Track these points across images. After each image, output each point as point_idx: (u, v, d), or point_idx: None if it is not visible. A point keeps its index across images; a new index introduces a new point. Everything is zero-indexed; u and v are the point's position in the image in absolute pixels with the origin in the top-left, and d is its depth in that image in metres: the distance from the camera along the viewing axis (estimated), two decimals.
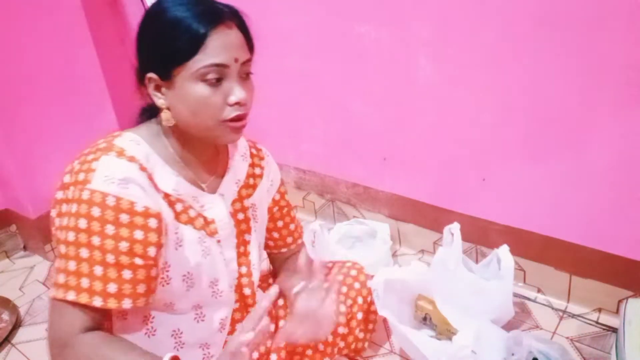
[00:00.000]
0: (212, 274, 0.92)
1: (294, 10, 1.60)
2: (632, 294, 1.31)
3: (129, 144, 0.82)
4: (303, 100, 1.75)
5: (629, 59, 1.11)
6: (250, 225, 1.02)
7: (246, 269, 1.01)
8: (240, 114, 0.83)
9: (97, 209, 0.74)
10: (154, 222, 0.78)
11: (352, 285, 1.19)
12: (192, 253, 0.87)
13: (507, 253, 1.30)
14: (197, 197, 0.90)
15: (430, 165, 1.55)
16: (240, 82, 0.83)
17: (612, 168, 1.23)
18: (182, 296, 0.88)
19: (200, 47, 0.77)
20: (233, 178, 0.99)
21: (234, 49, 0.81)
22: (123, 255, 0.75)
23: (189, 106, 0.80)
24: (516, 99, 1.30)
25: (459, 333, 1.18)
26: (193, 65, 0.78)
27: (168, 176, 0.86)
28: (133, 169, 0.78)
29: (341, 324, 1.16)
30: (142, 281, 0.78)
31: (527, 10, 1.19)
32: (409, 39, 1.40)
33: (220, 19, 0.79)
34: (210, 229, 0.92)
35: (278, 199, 1.12)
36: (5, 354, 1.48)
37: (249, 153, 1.05)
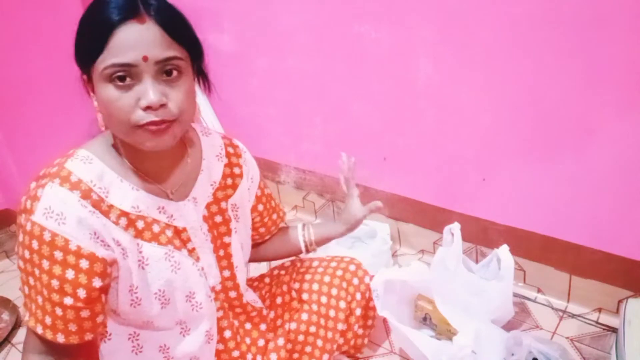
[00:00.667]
0: (186, 287, 0.88)
1: (294, 10, 1.60)
2: (632, 294, 1.31)
3: (78, 165, 0.78)
4: (303, 100, 1.75)
5: (631, 59, 1.11)
6: (230, 227, 0.98)
7: (229, 272, 0.98)
8: (157, 120, 0.73)
9: (35, 242, 0.74)
10: (85, 263, 0.74)
11: (350, 281, 1.18)
12: (160, 270, 0.84)
13: (507, 253, 1.30)
14: (164, 208, 0.86)
15: (430, 165, 1.55)
16: (154, 84, 0.73)
17: (613, 168, 1.23)
18: (159, 315, 0.86)
19: (105, 45, 0.70)
20: (207, 180, 0.94)
21: (143, 46, 0.71)
22: (54, 292, 0.74)
23: (104, 109, 0.75)
24: (516, 99, 1.30)
25: (459, 333, 1.18)
26: (99, 65, 0.72)
27: (126, 192, 0.81)
28: (72, 200, 0.75)
29: (340, 320, 1.15)
30: (71, 321, 0.75)
31: (528, 10, 1.19)
32: (410, 39, 1.40)
33: (131, 13, 0.71)
34: (182, 238, 0.89)
35: (260, 195, 1.09)
36: (5, 354, 1.48)
37: (225, 152, 0.99)
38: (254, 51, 1.78)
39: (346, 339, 1.20)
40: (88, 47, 0.73)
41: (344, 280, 1.18)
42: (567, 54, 1.18)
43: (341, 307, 1.15)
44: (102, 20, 0.71)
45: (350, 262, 1.23)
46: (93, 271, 0.75)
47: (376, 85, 1.54)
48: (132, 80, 0.72)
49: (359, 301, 1.19)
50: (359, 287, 1.19)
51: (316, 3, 1.54)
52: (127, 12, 0.71)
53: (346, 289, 1.17)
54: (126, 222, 0.81)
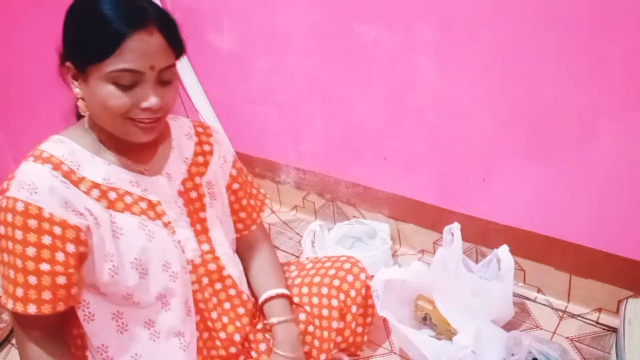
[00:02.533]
0: (162, 257, 0.91)
1: (294, 10, 1.60)
2: (632, 294, 1.31)
3: (50, 145, 0.86)
4: (303, 100, 1.75)
5: (632, 59, 1.11)
6: (204, 202, 1.01)
7: (208, 245, 1.00)
8: (150, 117, 0.83)
9: (10, 215, 0.78)
10: (58, 229, 0.79)
11: (344, 279, 1.18)
12: (135, 239, 0.88)
13: (507, 253, 1.30)
14: (138, 182, 0.91)
15: (430, 165, 1.55)
16: (155, 89, 0.82)
17: (613, 168, 1.23)
18: (137, 286, 0.89)
19: (116, 50, 0.77)
20: (179, 157, 1.00)
21: (151, 56, 0.80)
22: (29, 260, 0.78)
23: (97, 104, 0.82)
24: (517, 99, 1.30)
25: (459, 333, 1.18)
26: (107, 67, 0.78)
27: (97, 166, 0.87)
28: (43, 171, 0.80)
29: (334, 319, 1.15)
30: (47, 288, 0.79)
31: (529, 10, 1.19)
32: (410, 39, 1.40)
33: (142, 23, 0.78)
34: (157, 211, 0.92)
35: (236, 175, 1.11)
36: (5, 353, 1.48)
37: (194, 132, 1.05)
38: (254, 51, 1.78)
39: (344, 337, 1.20)
40: (95, 49, 0.78)
41: (336, 278, 1.17)
42: (568, 54, 1.18)
43: (334, 305, 1.15)
44: (114, 28, 0.77)
45: (345, 261, 1.22)
46: (65, 237, 0.80)
47: (376, 85, 1.54)
48: (135, 84, 0.81)
49: (353, 298, 1.18)
50: (354, 284, 1.18)
51: (316, 3, 1.54)
52: (138, 23, 0.78)
53: (339, 287, 1.16)
54: (98, 193, 0.86)
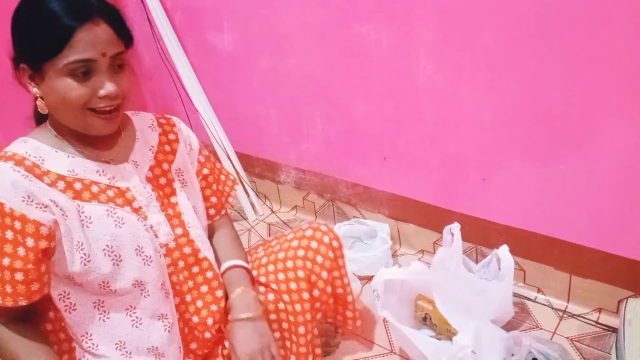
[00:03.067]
0: (134, 242, 0.92)
1: (294, 10, 1.60)
2: (632, 294, 1.31)
3: (14, 145, 0.89)
4: (303, 100, 1.75)
5: (633, 59, 1.11)
6: (174, 187, 1.03)
7: (181, 229, 1.01)
8: (109, 104, 0.86)
9: None
10: (18, 224, 0.81)
11: (308, 246, 1.14)
12: (104, 226, 0.89)
13: (507, 253, 1.30)
14: (104, 171, 0.93)
15: (430, 165, 1.55)
16: (110, 75, 0.86)
17: (613, 168, 1.23)
18: (113, 273, 0.89)
19: (66, 44, 0.81)
20: (145, 145, 1.02)
21: (101, 44, 0.83)
22: None
23: (57, 99, 0.84)
24: (516, 98, 1.30)
25: (459, 333, 1.19)
26: (60, 62, 0.81)
27: (61, 159, 0.89)
28: (5, 168, 0.83)
29: (303, 289, 1.11)
30: (7, 282, 0.82)
31: (529, 9, 1.19)
32: (410, 39, 1.40)
33: (88, 15, 0.82)
34: (126, 197, 0.94)
35: (204, 161, 1.13)
36: None
37: (157, 123, 1.08)
38: (254, 51, 1.78)
39: (326, 304, 1.17)
40: (45, 47, 0.82)
41: (300, 248, 1.14)
42: (568, 54, 1.18)
43: (300, 276, 1.11)
44: (62, 23, 0.81)
45: (307, 229, 1.18)
46: (25, 232, 0.81)
47: (376, 85, 1.54)
48: (90, 73, 0.84)
49: (321, 264, 1.14)
50: (319, 250, 1.14)
51: (316, 3, 1.54)
52: (84, 16, 0.82)
53: (304, 256, 1.13)
54: (64, 185, 0.88)
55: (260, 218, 2.07)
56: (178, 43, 1.95)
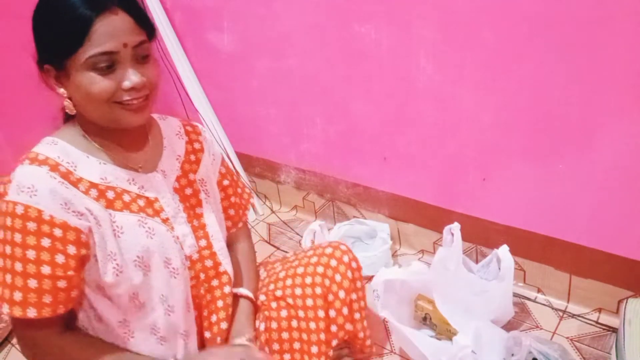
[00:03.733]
0: (162, 253, 0.91)
1: (294, 10, 1.60)
2: (632, 294, 1.31)
3: (44, 147, 0.86)
4: (303, 100, 1.75)
5: (633, 59, 1.11)
6: (200, 198, 1.02)
7: (205, 241, 1.00)
8: (135, 96, 0.83)
9: (9, 219, 0.78)
10: (58, 231, 0.79)
11: (327, 264, 1.14)
12: (136, 236, 0.88)
13: (507, 253, 1.30)
14: (134, 179, 0.91)
15: (430, 165, 1.55)
16: (135, 66, 0.82)
17: (613, 168, 1.23)
18: (142, 284, 0.88)
19: (85, 37, 0.77)
20: (172, 154, 1.00)
21: (122, 34, 0.80)
22: (30, 263, 0.78)
23: (83, 95, 0.82)
24: (517, 98, 1.30)
25: (459, 333, 1.19)
26: (81, 56, 0.78)
27: (93, 166, 0.87)
28: (42, 173, 0.80)
29: (319, 307, 1.10)
30: (47, 292, 0.79)
31: (529, 9, 1.19)
32: (410, 39, 1.40)
33: (103, 6, 0.79)
34: (155, 208, 0.92)
35: (225, 173, 1.12)
36: (5, 353, 1.48)
37: (184, 131, 1.06)
38: (254, 51, 1.78)
39: (338, 325, 1.14)
40: (64, 42, 0.79)
41: (320, 264, 1.13)
42: (568, 54, 1.18)
43: (317, 293, 1.11)
44: (79, 15, 0.77)
45: (327, 246, 1.18)
46: (67, 239, 0.79)
47: (376, 85, 1.54)
48: (113, 66, 0.80)
49: (339, 283, 1.13)
50: (338, 268, 1.14)
51: (316, 3, 1.54)
52: (101, 6, 0.78)
53: (323, 273, 1.12)
54: (96, 193, 0.86)
55: (260, 218, 2.07)
56: (178, 43, 1.95)
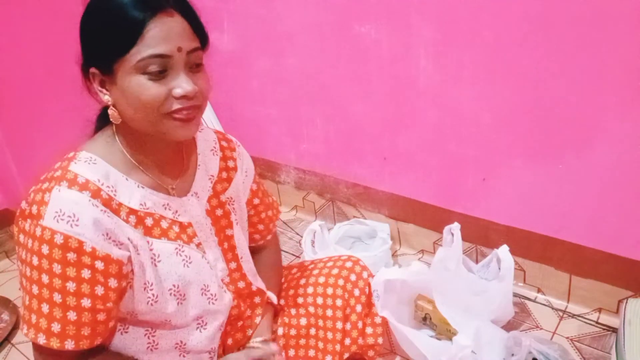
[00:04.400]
0: (200, 281, 0.89)
1: (295, 10, 1.60)
2: (632, 294, 1.31)
3: (83, 166, 0.79)
4: (303, 100, 1.75)
5: (633, 59, 1.11)
6: (231, 220, 0.99)
7: (235, 263, 0.99)
8: (187, 106, 0.76)
9: (46, 247, 0.73)
10: (100, 264, 0.75)
11: (347, 278, 1.15)
12: (172, 265, 0.85)
13: (507, 253, 1.30)
14: (169, 204, 0.87)
15: (430, 165, 1.55)
16: (187, 73, 0.76)
17: (613, 168, 1.23)
18: (175, 312, 0.86)
19: (138, 38, 0.72)
20: (205, 174, 0.96)
21: (176, 38, 0.74)
22: (70, 295, 0.74)
23: (131, 101, 0.76)
24: (517, 98, 1.30)
25: (459, 333, 1.18)
26: (132, 58, 0.73)
27: (132, 190, 0.82)
28: (84, 201, 0.75)
29: (339, 319, 1.12)
30: (86, 324, 0.76)
31: (529, 9, 1.19)
32: (410, 39, 1.40)
33: (159, 6, 0.74)
34: (188, 233, 0.89)
35: (256, 189, 1.08)
36: (5, 354, 1.48)
37: (219, 146, 1.01)
38: (254, 51, 1.78)
39: (352, 338, 1.15)
40: (115, 42, 0.74)
41: (340, 277, 1.15)
42: (568, 54, 1.18)
43: (338, 305, 1.12)
44: (132, 15, 0.73)
45: (347, 260, 1.20)
46: (108, 272, 0.76)
47: (376, 85, 1.54)
48: (165, 71, 0.75)
49: (357, 297, 1.15)
50: (357, 283, 1.15)
51: (317, 3, 1.54)
52: (156, 7, 0.73)
53: (343, 286, 1.14)
54: (135, 219, 0.82)
55: None
56: None
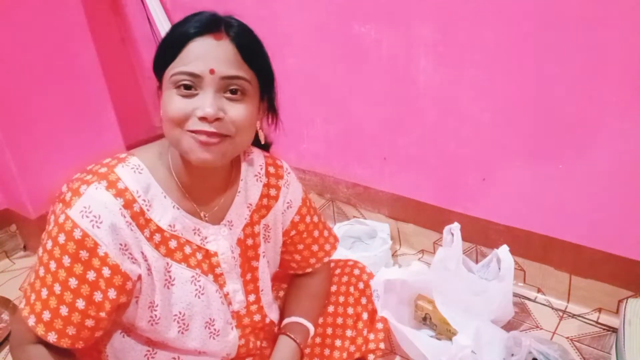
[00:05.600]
0: (206, 314, 0.88)
1: (294, 10, 1.60)
2: (632, 294, 1.31)
3: (128, 173, 0.79)
4: (303, 100, 1.75)
5: (633, 58, 1.11)
6: (258, 252, 0.96)
7: (254, 296, 0.97)
8: (208, 130, 0.74)
9: (63, 237, 0.73)
10: (107, 271, 0.75)
11: (356, 286, 1.16)
12: (184, 293, 0.84)
13: (507, 253, 1.30)
14: (199, 229, 0.86)
15: (430, 165, 1.55)
16: (215, 97, 0.75)
17: (613, 168, 1.23)
18: (175, 339, 0.86)
19: (178, 53, 0.75)
20: (244, 202, 0.93)
21: (212, 60, 0.74)
22: (68, 291, 0.74)
23: (162, 112, 0.77)
24: (516, 98, 1.30)
25: (459, 333, 1.18)
26: (169, 72, 0.76)
27: (166, 209, 0.82)
28: (114, 207, 0.75)
29: (348, 327, 1.13)
30: (73, 325, 0.75)
31: (529, 9, 1.19)
32: (410, 39, 1.40)
33: (211, 28, 0.75)
34: (212, 262, 0.88)
35: (297, 222, 1.03)
36: (5, 354, 1.48)
37: (265, 172, 0.97)
38: None
39: (357, 345, 1.15)
40: (163, 56, 0.77)
41: (351, 285, 1.16)
42: (568, 53, 1.18)
43: (349, 313, 1.14)
44: (181, 32, 0.75)
45: (354, 266, 1.20)
46: (112, 282, 0.75)
47: (376, 85, 1.54)
48: (195, 90, 0.75)
49: (364, 305, 1.16)
50: (365, 291, 1.17)
51: (316, 3, 1.54)
52: (206, 27, 0.75)
53: (352, 294, 1.16)
54: (159, 239, 0.82)
55: None
56: None
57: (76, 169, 0.84)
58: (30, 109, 1.72)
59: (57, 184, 0.83)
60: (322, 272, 1.13)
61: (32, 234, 1.87)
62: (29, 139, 1.73)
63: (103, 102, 1.92)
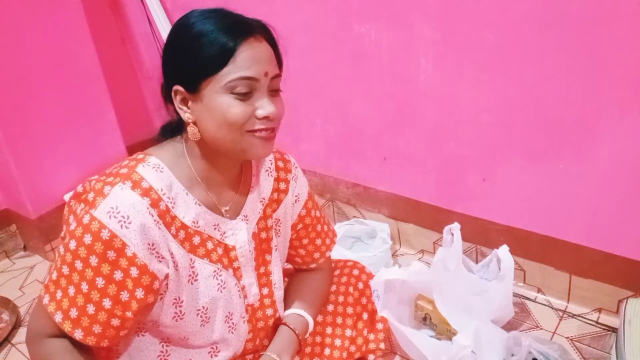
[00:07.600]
0: (227, 307, 0.90)
1: (294, 9, 1.60)
2: (632, 294, 1.31)
3: (150, 172, 0.80)
4: (303, 100, 1.75)
5: (633, 58, 1.11)
6: (271, 245, 0.99)
7: (267, 289, 0.99)
8: (267, 127, 0.81)
9: (89, 237, 0.74)
10: (135, 271, 0.76)
11: (356, 286, 1.18)
12: (208, 287, 0.86)
13: (507, 253, 1.30)
14: (219, 225, 0.89)
15: (430, 165, 1.55)
16: (269, 97, 0.82)
17: (613, 168, 1.23)
18: (197, 332, 0.87)
19: (230, 59, 0.76)
20: (257, 197, 0.96)
21: (264, 63, 0.80)
22: (95, 290, 0.75)
23: (216, 119, 0.78)
24: (516, 98, 1.30)
25: (459, 333, 1.18)
26: (222, 78, 0.77)
27: (189, 206, 0.84)
28: (141, 207, 0.76)
29: (348, 327, 1.14)
30: (99, 323, 0.76)
31: (529, 9, 1.19)
32: (410, 39, 1.40)
33: (250, 31, 0.79)
34: (230, 256, 0.90)
35: (304, 215, 1.07)
36: (5, 353, 1.48)
37: (274, 166, 1.02)
38: None
39: (357, 345, 1.16)
40: (207, 63, 0.77)
41: (350, 285, 1.17)
42: (568, 53, 1.18)
43: (349, 312, 1.14)
44: (225, 39, 0.76)
45: (353, 267, 1.22)
46: (140, 282, 0.76)
47: (376, 85, 1.54)
48: (251, 93, 0.79)
49: (364, 305, 1.17)
50: (364, 292, 1.18)
51: (316, 3, 1.54)
52: (247, 32, 0.79)
53: (352, 293, 1.16)
54: (184, 235, 0.83)
55: None
56: None
57: (76, 169, 0.84)
58: (30, 109, 1.72)
59: (57, 184, 0.83)
60: (324, 268, 1.16)
61: (32, 234, 1.87)
62: (29, 139, 1.73)
63: (103, 102, 1.92)
